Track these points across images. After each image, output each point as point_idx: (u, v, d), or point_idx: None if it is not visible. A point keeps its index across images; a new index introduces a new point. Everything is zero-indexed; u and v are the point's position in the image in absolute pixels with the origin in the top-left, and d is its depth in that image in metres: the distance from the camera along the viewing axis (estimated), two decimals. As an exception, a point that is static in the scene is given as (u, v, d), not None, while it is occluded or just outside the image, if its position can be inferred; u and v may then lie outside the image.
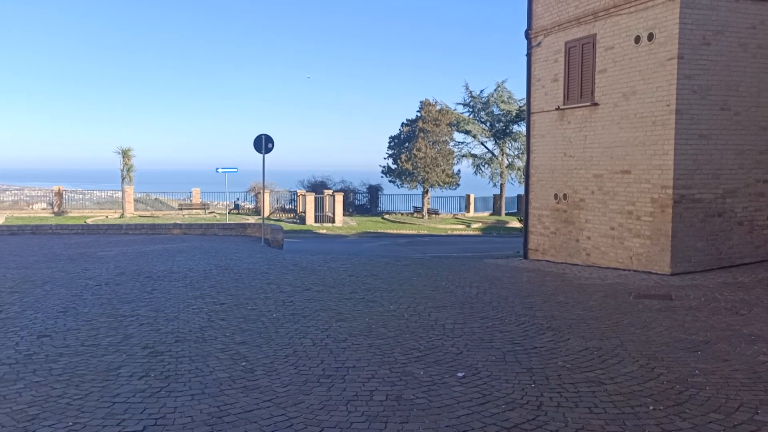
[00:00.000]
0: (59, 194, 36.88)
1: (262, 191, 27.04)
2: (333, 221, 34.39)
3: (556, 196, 13.79)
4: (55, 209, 36.24)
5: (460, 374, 5.51)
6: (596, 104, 12.55)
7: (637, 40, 11.50)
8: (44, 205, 38.02)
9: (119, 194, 36.74)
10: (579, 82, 13.08)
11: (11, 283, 10.09)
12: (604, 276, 11.20)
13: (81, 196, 41.08)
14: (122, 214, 34.55)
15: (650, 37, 11.22)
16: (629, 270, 11.65)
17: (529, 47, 14.63)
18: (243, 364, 5.85)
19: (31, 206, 38.32)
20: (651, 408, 4.69)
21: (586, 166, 12.89)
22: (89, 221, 28.55)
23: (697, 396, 4.95)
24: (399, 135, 41.76)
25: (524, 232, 15.11)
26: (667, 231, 10.99)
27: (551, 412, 4.63)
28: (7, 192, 42.56)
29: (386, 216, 40.09)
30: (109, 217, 34.18)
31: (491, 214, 43.20)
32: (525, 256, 14.84)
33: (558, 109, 13.65)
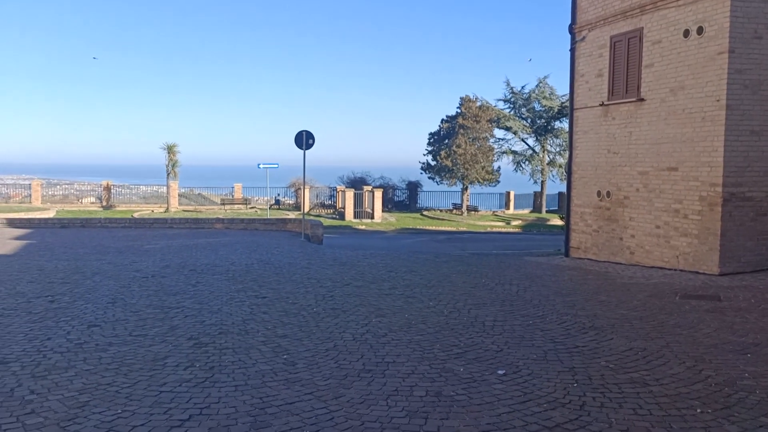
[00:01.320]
0: (107, 189, 37.91)
1: (302, 187, 27.28)
2: (372, 217, 34.49)
3: (599, 193, 13.56)
4: (104, 203, 37.27)
5: (500, 372, 5.49)
6: (642, 100, 12.27)
7: (686, 33, 11.20)
8: (93, 199, 39.14)
9: (164, 189, 37.54)
10: (624, 77, 12.81)
11: (63, 274, 10.44)
12: (649, 275, 10.97)
13: (128, 190, 42.16)
14: (167, 209, 35.31)
15: (699, 30, 10.91)
16: (675, 270, 11.38)
17: (573, 42, 14.39)
18: (284, 357, 5.93)
19: (80, 200, 39.50)
20: (698, 411, 4.59)
21: (631, 163, 12.63)
22: (136, 215, 29.28)
23: (747, 399, 4.81)
24: (438, 131, 41.60)
25: (566, 229, 14.89)
26: (715, 230, 10.69)
27: (594, 412, 4.57)
28: (58, 186, 43.95)
29: (425, 212, 40.01)
30: (155, 211, 34.98)
31: (531, 212, 42.70)
32: (566, 254, 14.63)
33: (602, 104, 13.40)
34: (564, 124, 42.35)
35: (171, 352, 6.03)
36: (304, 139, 19.11)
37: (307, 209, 34.58)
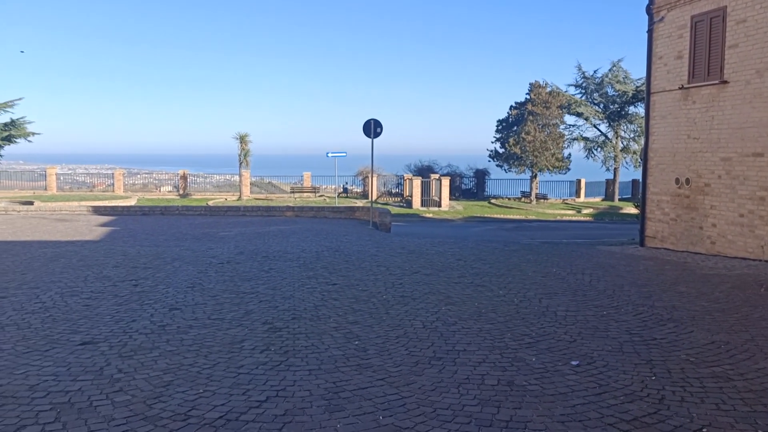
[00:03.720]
0: (184, 178, 39.35)
1: (370, 175, 27.46)
2: (439, 205, 34.38)
3: (677, 180, 13.03)
4: (180, 192, 38.72)
5: (574, 362, 5.39)
6: (725, 82, 11.69)
7: (775, 11, 10.57)
8: (170, 188, 40.73)
9: (236, 178, 38.63)
10: (706, 58, 12.23)
11: (145, 260, 10.94)
12: (731, 266, 10.49)
13: (202, 179, 43.63)
14: (239, 197, 36.33)
15: (790, 7, 10.27)
16: (760, 260, 10.83)
17: (651, 23, 13.83)
18: (356, 343, 6.02)
19: (159, 189, 41.19)
20: (787, 408, 4.37)
21: (713, 149, 12.08)
22: (210, 203, 30.27)
23: (841, 398, 4.55)
24: (507, 118, 40.93)
25: (641, 218, 14.41)
26: (805, 219, 10.10)
27: (674, 406, 4.43)
28: (138, 175, 45.98)
29: (493, 201, 39.55)
30: (228, 199, 36.06)
31: (603, 200, 41.49)
32: (641, 244, 14.16)
33: (682, 88, 12.84)
34: (639, 109, 40.79)
35: (247, 335, 6.24)
36: (372, 128, 19.22)
37: (374, 197, 34.83)
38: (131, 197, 34.62)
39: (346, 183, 42.33)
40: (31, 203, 25.18)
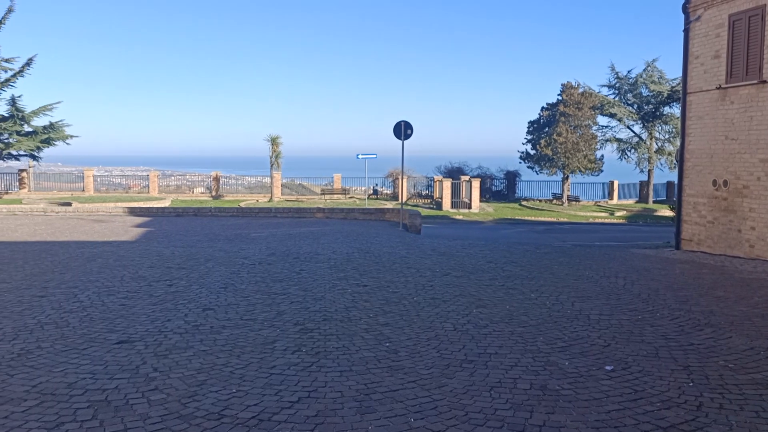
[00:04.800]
0: (216, 179, 39.86)
1: (400, 177, 27.47)
2: (469, 207, 34.21)
3: (714, 182, 12.75)
4: (213, 193, 39.23)
5: (608, 367, 5.31)
6: (765, 82, 11.41)
7: (818, 8, 10.28)
8: (203, 189, 41.31)
9: (267, 179, 38.98)
10: (744, 58, 11.95)
11: (179, 260, 11.11)
12: (771, 270, 10.22)
13: (234, 181, 44.17)
14: (270, 198, 36.66)
15: (834, 4, 9.98)
16: (801, 265, 10.53)
17: (687, 22, 13.56)
18: (387, 344, 6.02)
19: (192, 190, 41.81)
20: (831, 417, 4.24)
21: (752, 150, 11.79)
22: (242, 204, 30.62)
23: None
24: (538, 119, 40.53)
25: (677, 221, 14.13)
26: None
27: (712, 413, 4.33)
28: (172, 177, 46.66)
29: (524, 202, 39.20)
30: (259, 201, 36.41)
31: (637, 202, 40.81)
32: (677, 247, 13.89)
33: (719, 88, 12.57)
34: (674, 110, 40.05)
35: (279, 336, 6.29)
36: (403, 130, 19.22)
37: (404, 199, 34.81)
38: (165, 198, 35.19)
39: (376, 184, 42.39)
40: (69, 204, 25.78)
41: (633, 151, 42.31)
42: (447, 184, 35.38)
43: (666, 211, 33.64)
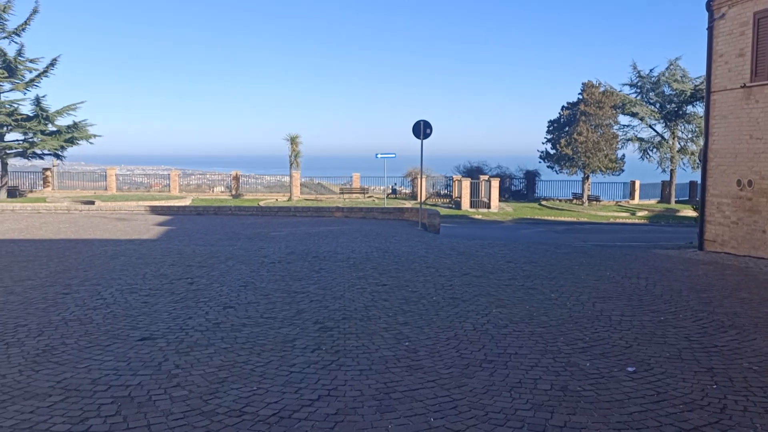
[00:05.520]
0: (236, 178, 40.13)
1: (419, 176, 27.42)
2: (488, 207, 34.06)
3: (739, 182, 12.57)
4: (233, 192, 39.50)
5: (630, 369, 5.26)
6: (792, 80, 11.20)
7: None
8: (223, 188, 41.62)
9: (287, 179, 39.15)
10: (771, 55, 11.74)
11: (200, 259, 11.21)
12: (797, 272, 10.05)
13: (254, 180, 44.42)
14: (290, 197, 36.82)
15: None
16: (829, 266, 10.34)
17: (711, 20, 13.38)
18: (406, 344, 6.03)
19: (212, 189, 42.15)
20: None
21: (777, 150, 11.59)
22: (261, 203, 30.79)
23: None
24: (558, 119, 40.22)
25: (700, 221, 13.95)
26: None
27: (736, 416, 4.28)
28: (193, 176, 47.15)
29: (543, 202, 38.94)
30: (278, 200, 36.60)
31: (659, 202, 40.35)
32: (700, 248, 13.71)
33: (744, 86, 12.38)
34: (698, 109, 39.47)
35: (299, 334, 6.32)
36: (422, 129, 19.19)
37: (423, 198, 34.77)
38: (186, 197, 35.51)
39: (395, 184, 42.38)
40: (93, 203, 26.13)
41: (655, 150, 41.78)
42: (466, 183, 35.26)
43: (689, 212, 33.20)
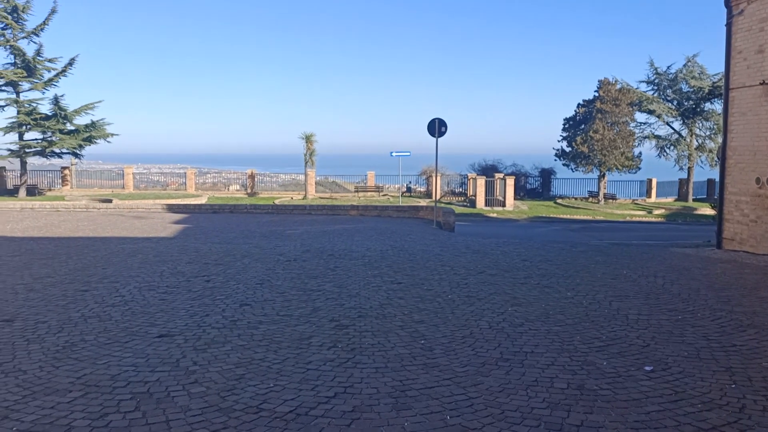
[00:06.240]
0: (252, 177, 40.36)
1: (434, 174, 27.43)
2: (503, 205, 33.95)
3: (758, 180, 12.42)
4: (248, 190, 39.72)
5: (647, 368, 5.23)
6: (813, 76, 11.05)
7: None
8: (238, 187, 41.87)
9: (301, 177, 39.28)
10: (791, 51, 11.59)
11: (216, 256, 11.29)
12: (818, 271, 9.92)
13: (269, 178, 44.61)
14: (305, 196, 36.94)
15: None
16: None
17: (730, 16, 13.23)
18: (422, 342, 6.03)
19: (227, 187, 42.42)
20: None
21: (798, 147, 11.44)
22: (277, 202, 30.92)
23: None
24: (574, 116, 39.99)
25: (718, 219, 13.81)
26: None
27: (756, 416, 4.24)
28: (208, 175, 47.49)
29: (559, 200, 38.74)
30: (293, 198, 36.74)
31: (676, 200, 40.00)
32: (718, 246, 13.58)
33: (763, 83, 12.23)
34: (716, 106, 39.06)
35: (315, 332, 6.34)
36: (437, 127, 19.18)
37: (438, 197, 34.72)
38: (202, 196, 35.75)
39: (410, 182, 42.37)
40: (110, 201, 26.41)
41: (672, 148, 41.41)
42: (481, 181, 35.16)
43: (706, 210, 32.88)
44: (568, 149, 39.62)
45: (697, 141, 40.67)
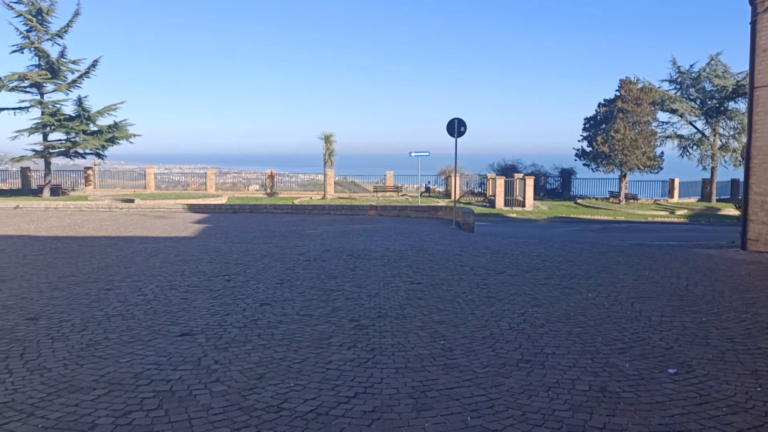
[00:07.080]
0: (271, 177, 40.55)
1: (454, 174, 27.36)
2: (523, 205, 33.75)
3: (784, 180, 12.20)
4: (268, 190, 39.92)
5: (671, 370, 5.16)
6: (841, 74, 10.83)
7: None
8: (258, 187, 42.10)
9: (320, 177, 39.39)
10: (818, 49, 11.37)
11: (236, 256, 11.37)
12: None
13: (288, 178, 44.85)
14: (324, 196, 37.04)
15: None
16: None
17: (754, 14, 13.02)
18: (442, 342, 6.02)
19: (247, 187, 42.67)
20: None
21: (825, 147, 11.22)
22: (296, 202, 31.05)
23: None
24: (595, 116, 39.62)
25: (742, 220, 13.59)
26: None
27: (783, 420, 4.16)
28: (228, 175, 47.83)
29: (579, 201, 38.41)
30: (313, 198, 36.86)
31: (699, 200, 39.46)
32: (743, 247, 13.37)
33: (790, 81, 12.01)
34: (740, 105, 38.46)
35: (335, 332, 6.36)
36: (456, 127, 19.13)
37: (457, 197, 34.60)
38: (222, 196, 36.01)
39: (429, 182, 42.28)
40: (132, 201, 26.71)
41: (695, 147, 40.84)
42: (500, 181, 34.99)
43: (731, 210, 32.39)
44: (588, 149, 39.27)
45: (720, 140, 40.09)
